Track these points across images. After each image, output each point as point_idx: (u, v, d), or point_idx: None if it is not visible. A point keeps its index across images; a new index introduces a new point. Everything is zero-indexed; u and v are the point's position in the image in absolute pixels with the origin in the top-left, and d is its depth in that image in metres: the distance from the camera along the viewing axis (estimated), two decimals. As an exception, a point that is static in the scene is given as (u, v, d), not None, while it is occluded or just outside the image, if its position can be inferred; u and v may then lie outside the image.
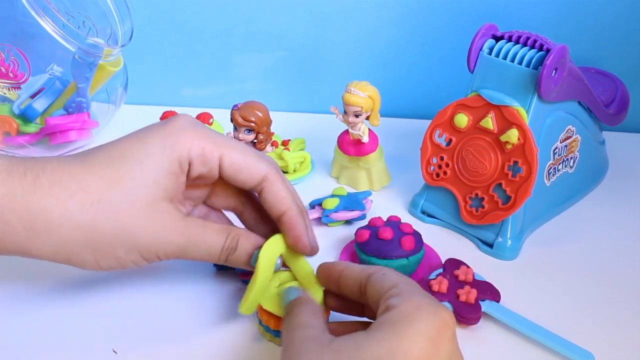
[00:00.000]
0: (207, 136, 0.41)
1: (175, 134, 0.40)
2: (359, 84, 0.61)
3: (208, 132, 0.42)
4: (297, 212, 0.44)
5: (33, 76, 0.67)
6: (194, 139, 0.40)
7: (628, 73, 0.74)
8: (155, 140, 0.40)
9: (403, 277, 0.38)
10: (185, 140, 0.40)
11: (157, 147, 0.39)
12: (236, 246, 0.43)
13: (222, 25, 0.80)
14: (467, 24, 0.67)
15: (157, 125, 0.42)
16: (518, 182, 0.55)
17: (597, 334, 0.48)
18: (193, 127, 0.41)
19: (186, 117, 0.42)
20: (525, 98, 0.54)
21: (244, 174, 0.42)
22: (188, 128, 0.41)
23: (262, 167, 0.43)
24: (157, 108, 0.75)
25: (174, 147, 0.40)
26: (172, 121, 0.41)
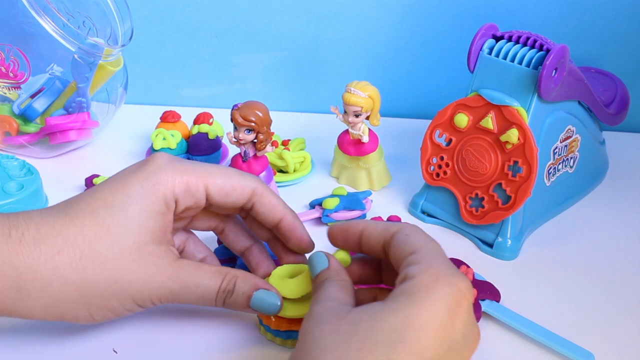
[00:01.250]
0: (188, 169, 0.41)
1: (156, 173, 0.40)
2: (359, 83, 0.61)
3: (188, 165, 0.41)
4: (293, 216, 0.45)
5: (33, 76, 0.67)
6: (175, 175, 0.40)
7: (628, 73, 0.74)
8: (135, 184, 0.39)
9: (425, 240, 0.37)
10: (167, 178, 0.40)
11: (139, 190, 0.39)
12: (233, 289, 0.42)
13: (222, 25, 0.80)
14: (467, 24, 0.67)
15: (136, 167, 0.41)
16: (518, 182, 0.55)
17: (597, 334, 0.48)
18: (172, 164, 0.41)
19: (163, 155, 0.41)
20: (525, 98, 0.54)
21: (233, 196, 0.42)
22: (166, 166, 0.40)
23: (248, 184, 0.43)
24: (157, 108, 0.75)
25: (157, 187, 0.39)
26: (150, 161, 0.41)
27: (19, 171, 0.61)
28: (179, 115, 0.71)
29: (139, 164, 0.41)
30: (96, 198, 0.39)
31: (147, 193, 0.39)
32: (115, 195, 0.39)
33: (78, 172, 0.66)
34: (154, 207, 0.39)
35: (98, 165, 0.70)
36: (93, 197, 0.39)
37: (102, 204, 0.38)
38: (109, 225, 0.38)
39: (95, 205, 0.38)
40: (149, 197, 0.39)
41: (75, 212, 0.38)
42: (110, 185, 0.40)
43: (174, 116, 0.70)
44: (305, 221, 0.60)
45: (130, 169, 0.41)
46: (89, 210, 0.38)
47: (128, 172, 0.40)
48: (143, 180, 0.39)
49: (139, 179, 0.39)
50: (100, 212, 0.38)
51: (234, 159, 0.60)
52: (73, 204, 0.39)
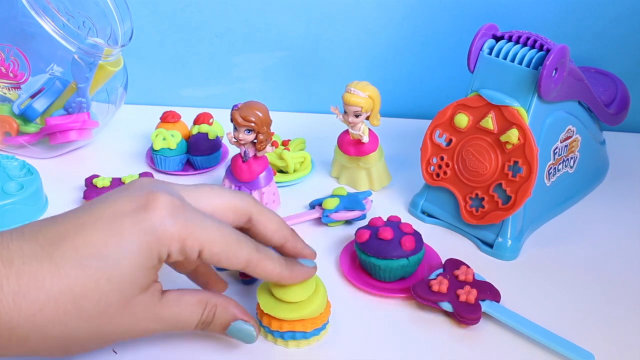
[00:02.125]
0: (187, 227, 0.37)
1: (155, 230, 0.36)
2: (359, 84, 0.61)
3: (188, 223, 0.38)
4: (293, 238, 0.45)
5: (33, 76, 0.67)
6: (174, 233, 0.37)
7: (628, 73, 0.74)
8: (132, 236, 0.36)
9: None
10: (165, 237, 0.37)
11: (135, 244, 0.36)
12: (212, 319, 0.41)
13: (222, 25, 0.80)
14: (467, 24, 0.67)
15: (134, 215, 0.36)
16: (518, 182, 0.55)
17: (597, 334, 0.48)
18: (173, 218, 0.37)
19: (166, 202, 0.37)
20: (525, 98, 0.54)
21: (224, 263, 0.40)
22: (167, 221, 0.37)
23: (243, 255, 0.40)
24: (157, 108, 0.75)
25: (153, 245, 0.36)
26: (151, 211, 0.36)
27: (19, 171, 0.61)
28: (179, 115, 0.71)
29: (138, 211, 0.37)
30: (87, 243, 0.35)
31: (143, 249, 0.36)
32: (108, 246, 0.35)
33: (78, 172, 0.66)
34: (147, 263, 0.37)
35: (98, 166, 0.70)
36: (83, 239, 0.35)
37: (94, 253, 0.35)
38: (99, 280, 0.35)
39: (85, 253, 0.35)
40: (145, 254, 0.36)
41: (61, 257, 0.34)
42: (103, 230, 0.36)
43: (174, 116, 0.70)
44: (305, 221, 0.60)
45: (128, 207, 0.37)
46: (78, 259, 0.34)
47: (125, 214, 0.36)
48: (141, 234, 0.36)
49: (138, 231, 0.36)
50: (91, 264, 0.35)
51: (234, 159, 0.60)
52: (59, 244, 0.35)
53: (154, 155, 0.67)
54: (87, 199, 0.60)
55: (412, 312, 0.50)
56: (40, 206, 0.61)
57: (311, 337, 0.45)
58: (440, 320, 0.49)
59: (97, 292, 0.35)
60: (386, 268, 0.51)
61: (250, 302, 0.50)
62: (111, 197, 0.38)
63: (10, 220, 0.58)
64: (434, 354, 0.46)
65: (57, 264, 0.34)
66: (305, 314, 0.44)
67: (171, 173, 0.68)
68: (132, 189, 0.39)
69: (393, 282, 0.52)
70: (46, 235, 0.36)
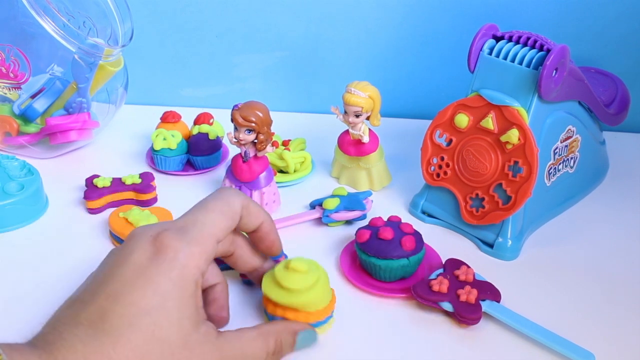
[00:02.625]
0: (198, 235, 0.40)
1: (177, 259, 0.38)
2: (359, 84, 0.61)
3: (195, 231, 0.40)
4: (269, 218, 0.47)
5: (33, 76, 0.67)
6: (193, 250, 0.39)
7: (628, 73, 0.74)
8: (162, 279, 0.37)
9: None
10: (188, 259, 0.39)
11: (168, 284, 0.37)
12: (282, 347, 0.42)
13: (222, 25, 0.80)
14: (467, 24, 0.67)
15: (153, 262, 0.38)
16: (518, 182, 0.55)
17: (597, 334, 0.48)
18: (183, 243, 0.39)
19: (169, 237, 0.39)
20: (525, 98, 0.54)
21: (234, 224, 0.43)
22: (180, 246, 0.39)
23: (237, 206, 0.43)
24: (158, 108, 0.75)
25: (183, 273, 0.38)
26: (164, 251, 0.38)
27: (19, 171, 0.61)
28: (179, 115, 0.71)
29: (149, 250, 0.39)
30: (126, 305, 0.36)
31: (177, 283, 0.38)
32: (146, 297, 0.37)
33: (78, 172, 0.66)
34: (186, 294, 0.38)
35: (98, 166, 0.70)
36: (123, 305, 0.36)
37: (138, 311, 0.36)
38: (153, 331, 0.36)
39: (131, 315, 0.36)
40: (180, 286, 0.38)
41: (113, 328, 0.36)
42: (134, 286, 0.37)
43: (174, 116, 0.70)
44: (305, 221, 0.60)
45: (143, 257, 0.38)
46: (128, 323, 0.36)
47: (145, 267, 0.38)
48: (168, 272, 0.38)
49: (163, 270, 0.38)
50: (141, 321, 0.36)
51: (235, 160, 0.60)
52: (104, 319, 0.36)
53: (154, 156, 0.67)
54: (87, 199, 0.60)
55: (412, 312, 0.50)
56: (40, 206, 0.61)
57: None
58: (440, 320, 0.49)
59: (158, 343, 0.36)
60: (386, 268, 0.51)
61: (251, 300, 0.50)
62: (122, 257, 0.39)
63: (11, 220, 0.58)
64: (434, 354, 0.46)
65: (113, 335, 0.35)
66: (300, 301, 0.44)
67: (171, 173, 0.68)
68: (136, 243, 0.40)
69: (393, 282, 0.52)
70: (87, 317, 0.36)
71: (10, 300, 0.50)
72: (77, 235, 0.58)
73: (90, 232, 0.59)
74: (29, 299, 0.50)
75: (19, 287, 0.51)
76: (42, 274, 0.53)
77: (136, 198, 0.62)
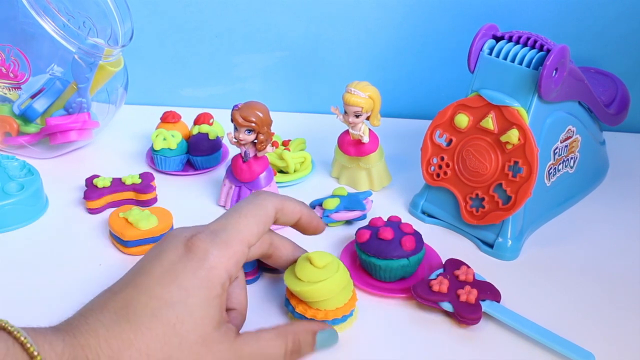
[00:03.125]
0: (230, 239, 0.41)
1: (206, 259, 0.39)
2: (359, 84, 0.61)
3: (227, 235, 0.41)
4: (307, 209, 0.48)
5: (33, 76, 0.67)
6: (223, 253, 0.40)
7: (628, 73, 0.74)
8: (189, 275, 0.38)
9: None
10: (218, 261, 0.39)
11: (194, 281, 0.38)
12: (300, 347, 0.42)
13: (222, 25, 0.80)
14: (467, 24, 0.67)
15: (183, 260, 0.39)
16: (518, 182, 0.55)
17: (597, 334, 0.48)
18: (214, 241, 0.40)
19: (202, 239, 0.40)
20: (525, 98, 0.54)
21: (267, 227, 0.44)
22: (211, 247, 0.40)
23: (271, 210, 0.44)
24: (157, 108, 0.75)
25: (211, 273, 0.39)
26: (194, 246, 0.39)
27: (19, 171, 0.61)
28: (179, 115, 0.71)
29: (180, 249, 0.40)
30: (152, 296, 0.38)
31: (203, 282, 0.38)
32: (170, 291, 0.38)
33: (78, 172, 0.66)
34: (211, 294, 0.39)
35: (98, 166, 0.70)
36: (148, 296, 0.38)
37: (161, 303, 0.37)
38: (174, 324, 0.37)
39: (154, 305, 0.37)
40: (206, 286, 0.39)
41: (136, 317, 0.37)
42: (160, 279, 0.38)
43: (174, 116, 0.70)
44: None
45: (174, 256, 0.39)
46: (150, 312, 0.37)
47: (174, 262, 0.39)
48: (196, 270, 0.39)
49: (190, 268, 0.39)
50: (163, 312, 0.37)
51: (235, 160, 0.60)
52: (129, 308, 0.37)
53: (154, 156, 0.67)
54: (87, 199, 0.60)
55: (412, 312, 0.50)
56: (40, 206, 0.61)
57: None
58: (440, 320, 0.49)
59: (177, 337, 0.37)
60: (386, 268, 0.51)
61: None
62: (155, 254, 0.41)
63: (11, 220, 0.58)
64: (434, 354, 0.46)
65: (135, 323, 0.37)
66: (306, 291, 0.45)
67: (171, 173, 0.68)
68: (169, 242, 0.41)
69: (393, 282, 0.52)
70: (114, 305, 0.38)
71: (10, 300, 0.50)
72: (77, 236, 0.58)
73: (90, 232, 0.59)
74: (29, 299, 0.50)
75: (18, 287, 0.51)
76: (42, 274, 0.53)
77: (136, 198, 0.62)
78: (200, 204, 0.63)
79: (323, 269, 0.46)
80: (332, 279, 0.45)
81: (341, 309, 0.46)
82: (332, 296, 0.46)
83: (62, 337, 0.36)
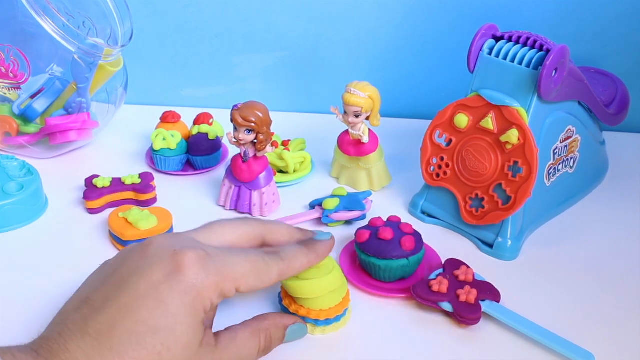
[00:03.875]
0: (220, 273, 0.39)
1: (193, 286, 0.38)
2: (359, 84, 0.61)
3: (219, 268, 0.39)
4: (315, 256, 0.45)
5: (33, 76, 0.67)
6: (211, 284, 0.38)
7: (628, 73, 0.74)
8: (175, 300, 0.37)
9: None
10: (204, 289, 0.38)
11: (180, 307, 0.37)
12: (271, 342, 0.43)
13: (222, 25, 0.80)
14: (467, 24, 0.67)
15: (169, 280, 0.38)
16: (518, 182, 0.55)
17: (597, 334, 0.48)
18: (205, 271, 0.38)
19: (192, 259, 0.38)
20: (525, 98, 0.54)
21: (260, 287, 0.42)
22: (201, 275, 0.38)
23: (274, 277, 0.42)
24: (157, 108, 0.75)
25: (196, 300, 0.38)
26: (184, 271, 0.38)
27: (19, 171, 0.61)
28: (179, 115, 0.71)
29: (167, 267, 0.38)
30: (136, 321, 0.36)
31: (188, 309, 0.37)
32: (156, 317, 0.36)
33: (78, 172, 0.66)
34: (196, 320, 0.38)
35: (98, 166, 0.70)
36: (132, 320, 0.36)
37: (147, 330, 0.36)
38: (160, 352, 0.36)
39: (139, 332, 0.36)
40: (191, 313, 0.37)
41: (119, 344, 0.35)
42: (146, 303, 0.37)
43: (174, 116, 0.70)
44: (305, 222, 0.60)
45: (160, 275, 0.38)
46: (135, 340, 0.36)
47: (161, 283, 0.37)
48: (182, 296, 0.37)
49: (177, 293, 0.37)
50: (148, 340, 0.36)
51: (234, 160, 0.60)
52: (112, 332, 0.36)
53: (154, 156, 0.67)
54: (86, 199, 0.60)
55: (412, 312, 0.50)
56: (40, 206, 0.61)
57: (322, 325, 0.46)
58: (440, 320, 0.49)
59: None
60: (386, 268, 0.51)
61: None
62: (140, 268, 0.39)
63: (11, 220, 0.58)
64: (434, 354, 0.46)
65: (118, 352, 0.35)
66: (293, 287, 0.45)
67: (171, 173, 0.68)
68: (156, 255, 0.39)
69: (393, 282, 0.52)
70: (95, 327, 0.36)
71: (9, 300, 0.50)
72: (76, 236, 0.58)
73: (90, 232, 0.58)
74: (28, 299, 0.50)
75: (18, 287, 0.51)
76: (41, 274, 0.53)
77: (136, 198, 0.62)
78: (200, 204, 0.63)
79: (317, 269, 0.46)
80: (322, 279, 0.45)
81: (334, 309, 0.46)
82: (321, 295, 0.46)
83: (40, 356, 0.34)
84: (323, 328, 0.47)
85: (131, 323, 0.36)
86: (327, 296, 0.46)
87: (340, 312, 0.47)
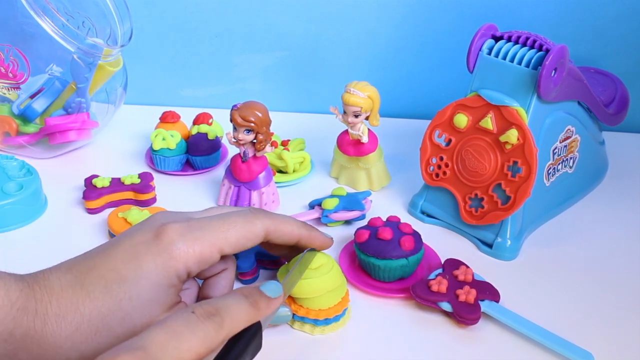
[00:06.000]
0: (200, 238, 0.41)
1: (168, 249, 0.40)
2: (358, 84, 0.61)
3: (199, 233, 0.41)
4: (307, 231, 0.46)
5: (32, 76, 0.67)
6: (187, 248, 0.40)
7: (628, 73, 0.74)
8: (148, 258, 0.39)
9: None
10: (179, 253, 0.40)
11: (151, 265, 0.39)
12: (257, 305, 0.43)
13: (222, 26, 0.80)
14: (466, 24, 0.67)
15: (148, 237, 0.40)
16: (517, 182, 0.55)
17: (597, 334, 0.48)
18: (183, 237, 0.40)
19: (174, 227, 0.41)
20: (524, 98, 0.54)
21: (248, 244, 0.43)
22: (178, 240, 0.40)
23: (259, 229, 0.43)
24: (157, 108, 0.75)
25: (169, 262, 0.40)
26: (163, 235, 0.40)
27: (18, 171, 0.61)
28: (179, 115, 0.71)
29: (151, 233, 0.41)
30: (110, 269, 0.39)
31: (158, 268, 0.39)
32: (128, 270, 0.39)
33: (78, 172, 0.66)
34: (165, 281, 0.39)
35: (98, 166, 0.70)
36: (107, 267, 0.39)
37: (116, 277, 0.39)
38: (122, 300, 0.38)
39: (109, 278, 0.39)
40: (161, 273, 0.39)
41: (90, 284, 0.39)
42: (123, 257, 0.40)
43: (173, 116, 0.70)
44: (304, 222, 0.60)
45: (143, 238, 0.41)
46: (104, 285, 0.39)
47: (140, 243, 0.40)
48: (156, 256, 0.39)
49: (152, 253, 0.40)
50: (114, 287, 0.39)
51: (234, 159, 0.60)
52: (88, 274, 0.39)
53: (154, 155, 0.67)
54: (86, 199, 0.60)
55: (411, 312, 0.50)
56: (39, 206, 0.61)
57: (321, 325, 0.46)
58: (439, 320, 0.49)
59: (121, 312, 0.38)
60: (386, 268, 0.51)
61: None
62: (130, 231, 0.42)
63: (10, 220, 0.58)
64: (434, 354, 0.46)
65: (87, 290, 0.39)
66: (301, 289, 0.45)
67: (171, 173, 0.68)
68: (147, 223, 0.42)
69: (392, 282, 0.52)
70: (79, 268, 0.40)
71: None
72: (76, 235, 0.58)
73: (90, 232, 0.59)
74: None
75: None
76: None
77: (135, 198, 0.62)
78: (200, 204, 0.63)
79: (315, 269, 0.46)
80: (320, 279, 0.46)
81: (333, 309, 0.46)
82: (320, 295, 0.46)
83: (20, 287, 0.38)
84: (322, 328, 0.47)
85: (105, 270, 0.39)
86: (326, 295, 0.46)
87: (340, 312, 0.47)
